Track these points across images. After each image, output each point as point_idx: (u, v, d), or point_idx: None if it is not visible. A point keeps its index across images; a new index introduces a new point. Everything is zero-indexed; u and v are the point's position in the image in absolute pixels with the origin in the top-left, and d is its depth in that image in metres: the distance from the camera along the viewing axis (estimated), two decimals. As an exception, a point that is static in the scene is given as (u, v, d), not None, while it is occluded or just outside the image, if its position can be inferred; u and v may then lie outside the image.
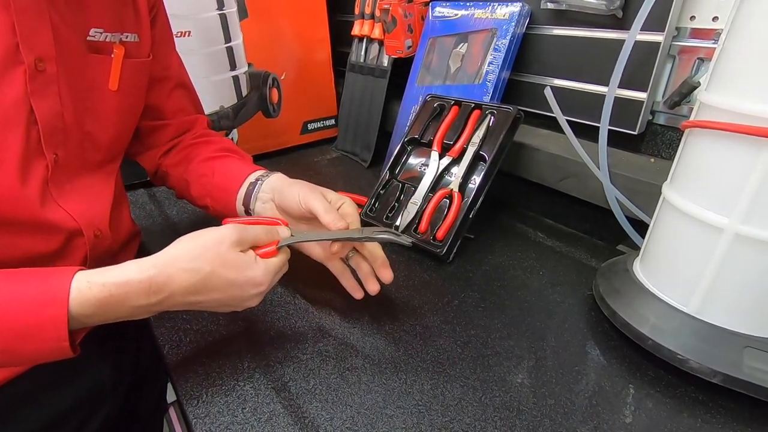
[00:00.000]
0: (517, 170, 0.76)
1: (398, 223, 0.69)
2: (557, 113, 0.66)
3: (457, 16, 0.81)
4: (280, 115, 1.05)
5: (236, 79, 0.94)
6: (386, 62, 0.95)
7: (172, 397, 0.81)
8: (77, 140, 0.49)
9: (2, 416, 0.48)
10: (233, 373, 0.47)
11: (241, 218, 0.50)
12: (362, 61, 1.01)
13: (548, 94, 0.66)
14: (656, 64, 0.60)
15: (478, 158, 0.68)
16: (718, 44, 0.43)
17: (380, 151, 0.97)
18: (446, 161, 0.70)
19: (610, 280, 0.55)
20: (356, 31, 1.00)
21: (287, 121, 1.07)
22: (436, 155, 0.72)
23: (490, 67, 0.75)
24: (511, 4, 0.73)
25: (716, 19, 0.56)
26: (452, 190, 0.68)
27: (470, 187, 0.68)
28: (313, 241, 0.50)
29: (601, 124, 0.61)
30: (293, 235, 0.48)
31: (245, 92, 0.97)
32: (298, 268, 0.49)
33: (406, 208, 0.70)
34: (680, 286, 0.47)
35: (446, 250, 0.64)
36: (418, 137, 0.75)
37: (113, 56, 0.51)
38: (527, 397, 0.44)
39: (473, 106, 0.72)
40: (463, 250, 0.66)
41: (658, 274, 0.50)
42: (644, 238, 0.54)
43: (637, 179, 0.61)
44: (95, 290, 0.37)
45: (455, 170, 0.70)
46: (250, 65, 0.97)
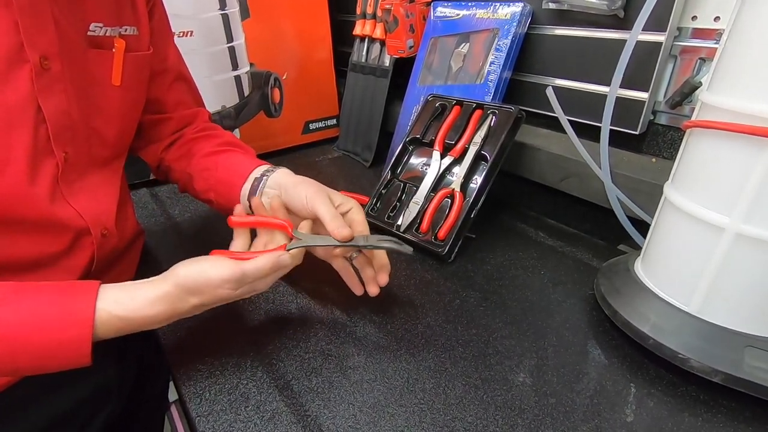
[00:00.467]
0: (518, 170, 0.76)
1: (400, 222, 0.69)
2: (559, 113, 0.66)
3: (458, 16, 0.81)
4: (281, 114, 1.05)
5: (238, 78, 0.95)
6: (388, 62, 0.96)
7: (173, 396, 0.81)
8: (84, 137, 0.49)
9: (9, 416, 0.48)
10: (236, 371, 0.47)
11: (247, 218, 0.50)
12: (364, 61, 1.01)
13: (550, 94, 0.66)
14: (658, 64, 0.60)
15: (479, 158, 0.68)
16: (719, 44, 0.43)
17: (381, 150, 0.98)
18: (448, 161, 0.71)
19: (611, 279, 0.55)
20: (358, 30, 1.00)
21: (289, 120, 1.07)
22: (437, 155, 0.72)
23: (491, 67, 0.75)
24: (512, 4, 0.73)
25: (718, 19, 0.56)
26: (454, 189, 0.68)
27: (472, 186, 0.68)
28: (319, 246, 0.51)
29: (602, 124, 0.61)
30: (300, 238, 0.49)
31: (247, 92, 0.97)
32: (300, 266, 0.49)
33: (407, 207, 0.70)
34: (681, 285, 0.47)
35: (448, 249, 0.64)
36: (419, 137, 0.75)
37: (114, 50, 0.50)
38: (529, 395, 0.44)
39: (475, 106, 0.72)
40: (464, 249, 0.67)
41: (659, 273, 0.50)
42: (645, 237, 0.54)
43: (638, 179, 0.61)
44: (114, 322, 0.40)
45: (457, 170, 0.70)
46: (251, 65, 0.97)
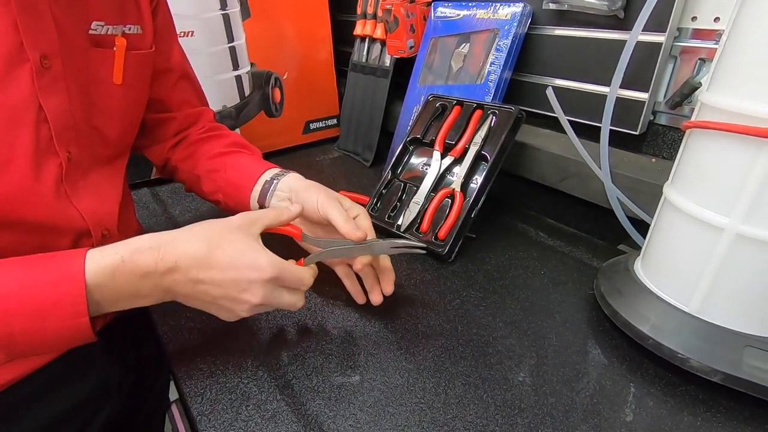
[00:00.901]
0: (518, 170, 0.76)
1: (400, 222, 0.70)
2: (559, 113, 0.66)
3: (459, 16, 0.81)
4: (282, 114, 1.05)
5: (239, 78, 0.95)
6: (388, 62, 0.96)
7: (174, 395, 0.82)
8: (87, 136, 0.48)
9: (11, 414, 0.48)
10: (237, 370, 0.47)
11: None
12: (364, 60, 1.02)
13: (550, 94, 0.66)
14: (658, 64, 0.60)
15: (479, 158, 0.68)
16: (719, 45, 0.43)
17: (382, 150, 0.98)
18: (448, 161, 0.71)
19: (611, 279, 0.55)
20: (358, 30, 1.00)
21: (289, 120, 1.07)
22: (438, 155, 0.72)
23: (491, 67, 0.75)
24: (513, 4, 0.73)
25: (717, 19, 0.56)
26: (454, 189, 0.68)
27: (472, 186, 0.68)
28: (337, 257, 0.51)
29: (602, 124, 0.61)
30: (310, 243, 0.50)
31: (248, 92, 0.98)
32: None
33: (408, 207, 0.70)
34: (681, 285, 0.47)
35: (448, 249, 0.64)
36: (420, 137, 0.76)
37: (115, 49, 0.50)
38: (528, 395, 0.44)
39: (475, 106, 0.72)
40: (464, 249, 0.67)
41: (658, 273, 0.50)
42: (645, 237, 0.54)
43: (638, 179, 0.61)
44: (107, 258, 0.39)
45: (457, 170, 0.70)
46: (252, 65, 0.97)
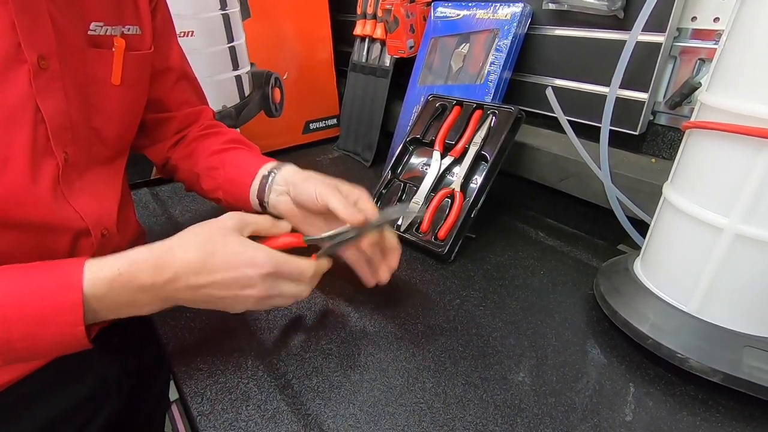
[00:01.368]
0: (518, 170, 0.76)
1: (400, 222, 0.70)
2: (558, 113, 0.66)
3: (459, 16, 0.81)
4: (282, 114, 1.05)
5: (239, 78, 0.95)
6: (388, 62, 0.96)
7: (174, 395, 0.82)
8: (84, 137, 0.48)
9: (11, 414, 0.48)
10: (237, 370, 0.47)
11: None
12: (364, 61, 1.02)
13: (549, 94, 0.66)
14: (657, 64, 0.60)
15: (479, 158, 0.68)
16: (719, 45, 0.43)
17: (382, 150, 0.98)
18: (448, 161, 0.71)
19: (610, 279, 0.55)
20: (358, 31, 1.00)
21: (289, 120, 1.07)
22: (437, 155, 0.72)
23: (491, 67, 0.76)
24: (512, 4, 0.73)
25: (717, 20, 0.56)
26: (454, 189, 0.68)
27: (472, 186, 0.68)
28: (345, 245, 0.50)
29: (602, 124, 0.62)
30: (309, 241, 0.50)
31: (248, 92, 0.98)
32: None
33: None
34: (680, 285, 0.47)
35: (448, 249, 0.64)
36: (419, 137, 0.76)
37: (114, 50, 0.50)
38: (528, 395, 0.44)
39: (475, 106, 0.72)
40: (464, 249, 0.67)
41: (658, 273, 0.50)
42: (645, 237, 0.54)
43: (637, 179, 0.61)
44: (105, 270, 0.39)
45: (457, 170, 0.70)
46: (252, 65, 0.97)
